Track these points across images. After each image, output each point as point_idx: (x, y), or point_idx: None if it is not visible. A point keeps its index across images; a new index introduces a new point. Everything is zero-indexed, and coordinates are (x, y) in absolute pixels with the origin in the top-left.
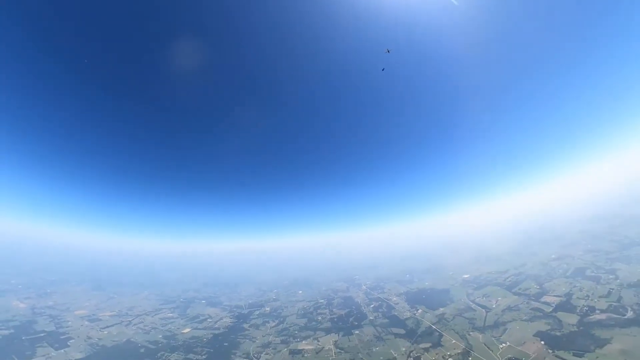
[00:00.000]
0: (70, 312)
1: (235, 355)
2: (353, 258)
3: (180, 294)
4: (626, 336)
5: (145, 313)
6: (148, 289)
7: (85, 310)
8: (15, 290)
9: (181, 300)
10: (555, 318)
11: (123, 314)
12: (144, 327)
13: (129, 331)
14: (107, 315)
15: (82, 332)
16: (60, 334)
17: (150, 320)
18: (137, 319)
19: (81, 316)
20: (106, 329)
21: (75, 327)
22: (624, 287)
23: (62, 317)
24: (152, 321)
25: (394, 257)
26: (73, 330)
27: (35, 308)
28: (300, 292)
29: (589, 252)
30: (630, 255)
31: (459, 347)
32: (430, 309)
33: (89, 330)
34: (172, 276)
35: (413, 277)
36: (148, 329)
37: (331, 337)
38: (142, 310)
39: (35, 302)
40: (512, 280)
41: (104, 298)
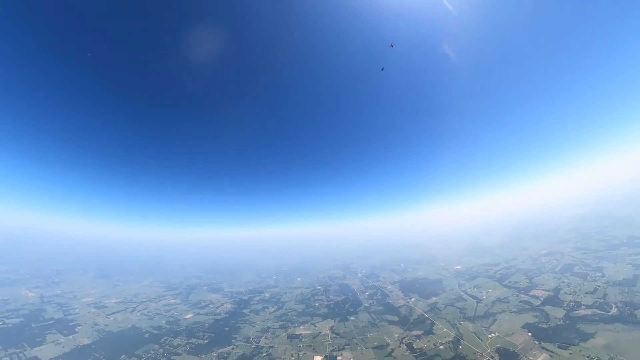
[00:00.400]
0: (78, 299)
1: (236, 340)
2: (350, 247)
3: (182, 281)
4: (609, 332)
5: (149, 300)
6: (152, 276)
7: (91, 297)
8: (24, 280)
9: (184, 287)
10: (542, 311)
11: (128, 301)
12: (148, 313)
13: (134, 317)
14: (112, 302)
15: (89, 319)
16: (68, 321)
17: (154, 306)
18: (141, 305)
19: (88, 303)
20: (112, 315)
21: (82, 314)
22: (609, 285)
23: (70, 304)
24: (156, 307)
25: (389, 247)
26: (80, 317)
27: (44, 296)
28: (298, 279)
29: (578, 250)
30: (617, 255)
31: (450, 336)
32: (423, 297)
33: (96, 316)
34: (175, 264)
35: (407, 266)
36: (152, 314)
37: (328, 323)
38: (146, 297)
39: (44, 291)
40: (502, 273)
41: (109, 286)
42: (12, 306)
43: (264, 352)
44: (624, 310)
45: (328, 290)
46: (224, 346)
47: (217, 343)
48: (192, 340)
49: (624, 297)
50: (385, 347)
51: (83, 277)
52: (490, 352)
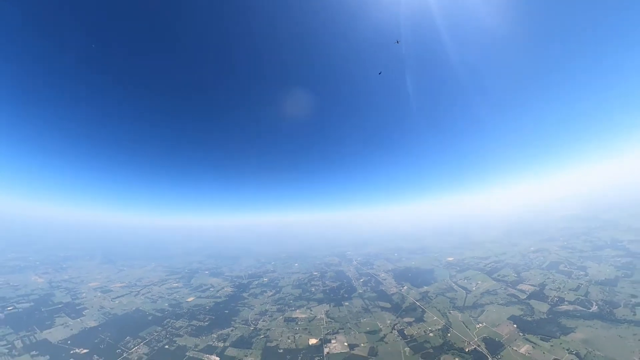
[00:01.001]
0: (84, 284)
1: (235, 322)
2: (346, 236)
3: (185, 266)
4: (589, 327)
5: (152, 283)
6: (155, 261)
7: (97, 282)
8: (33, 266)
9: (186, 271)
10: (528, 305)
11: (132, 285)
12: (151, 296)
13: (138, 300)
14: (117, 286)
15: (95, 303)
16: (75, 305)
17: (158, 290)
18: (145, 289)
19: (94, 288)
20: (117, 299)
21: (89, 298)
22: (591, 284)
23: (77, 289)
24: (159, 291)
25: (384, 237)
26: (87, 301)
27: (52, 282)
28: (296, 265)
29: (564, 249)
30: (601, 256)
31: (439, 324)
32: (415, 286)
33: (102, 300)
34: (178, 249)
35: (401, 256)
36: (155, 298)
37: (323, 307)
38: (149, 281)
39: (52, 277)
40: (492, 266)
41: (115, 270)
42: (22, 291)
43: (261, 334)
44: (603, 309)
45: (324, 276)
46: (224, 328)
47: (217, 325)
48: (193, 322)
49: (604, 296)
50: (377, 333)
51: (89, 263)
52: (477, 341)
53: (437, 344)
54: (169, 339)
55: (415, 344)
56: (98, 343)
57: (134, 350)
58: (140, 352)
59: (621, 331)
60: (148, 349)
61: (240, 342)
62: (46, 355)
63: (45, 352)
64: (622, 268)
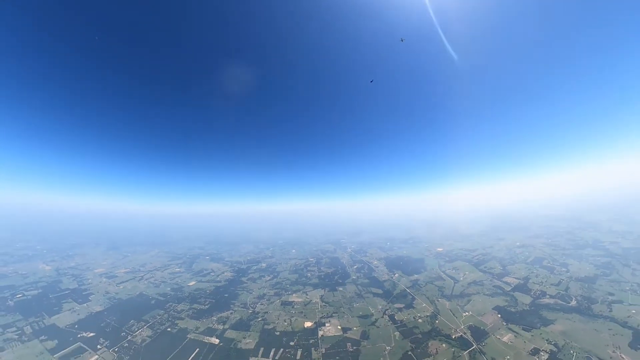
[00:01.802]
0: (90, 270)
1: (234, 305)
2: (341, 224)
3: (186, 251)
4: (567, 320)
5: (155, 269)
6: (158, 247)
7: (103, 268)
8: (41, 255)
9: (187, 257)
10: (512, 296)
11: (136, 270)
12: (154, 281)
13: (142, 285)
14: (122, 272)
15: (101, 288)
16: (82, 290)
17: (160, 275)
18: (148, 274)
19: (100, 274)
20: (122, 284)
21: (95, 284)
22: (572, 280)
23: (83, 275)
24: (162, 276)
25: (378, 227)
26: (93, 287)
27: (60, 269)
28: (293, 251)
29: (548, 246)
30: (582, 254)
31: (428, 311)
32: (406, 274)
33: (107, 285)
34: (179, 236)
35: (393, 245)
36: (158, 282)
37: (318, 292)
38: (152, 267)
39: (59, 264)
40: (479, 258)
41: (119, 257)
42: (31, 279)
43: (259, 317)
44: (582, 303)
45: (320, 262)
46: (224, 311)
47: (217, 308)
48: (194, 305)
49: (583, 292)
50: (369, 317)
51: (95, 250)
52: (463, 328)
53: (426, 330)
54: (171, 322)
55: (405, 329)
56: (104, 327)
57: (137, 333)
58: (143, 335)
59: (597, 325)
60: (151, 332)
61: (239, 325)
62: (54, 340)
63: (53, 336)
64: (601, 267)
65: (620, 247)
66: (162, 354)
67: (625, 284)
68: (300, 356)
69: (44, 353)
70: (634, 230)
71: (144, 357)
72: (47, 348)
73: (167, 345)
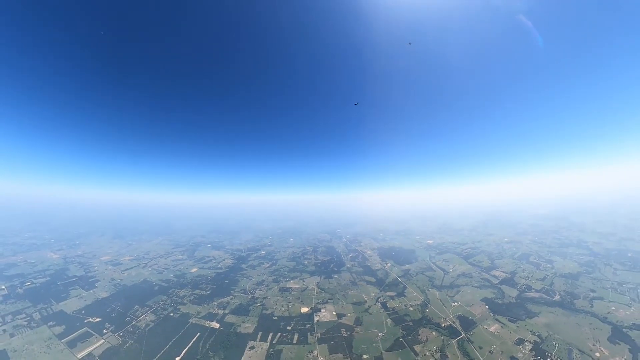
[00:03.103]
0: (97, 258)
1: (234, 291)
2: (337, 215)
3: (189, 240)
4: (551, 314)
5: (159, 256)
6: (161, 235)
7: (108, 256)
8: (48, 244)
9: (190, 245)
10: (499, 289)
11: (140, 258)
12: (158, 268)
13: (146, 272)
14: (127, 260)
15: (106, 275)
16: (88, 278)
17: (164, 262)
18: (152, 261)
19: (105, 261)
20: (126, 271)
21: (100, 271)
22: (556, 276)
23: (90, 263)
24: (165, 263)
25: (372, 218)
26: (99, 274)
27: (67, 257)
28: (291, 240)
29: (535, 243)
30: (566, 252)
31: (419, 300)
32: (398, 264)
33: (112, 272)
34: (182, 225)
35: (386, 236)
36: (161, 269)
37: (314, 279)
38: (156, 254)
39: (67, 253)
40: (469, 252)
41: (124, 245)
42: (39, 267)
43: (258, 302)
44: (565, 298)
45: (316, 250)
46: (224, 296)
47: (218, 294)
48: (196, 291)
49: (567, 287)
50: (362, 304)
51: (101, 239)
52: (453, 317)
53: (417, 318)
54: (174, 307)
55: (396, 316)
56: (109, 312)
57: (141, 318)
58: (147, 320)
59: (579, 320)
60: (154, 317)
61: (238, 310)
62: (62, 325)
63: (61, 322)
64: (584, 265)
65: (603, 247)
66: (165, 338)
67: (606, 282)
68: (297, 340)
69: (52, 338)
70: (617, 232)
71: (147, 341)
72: (55, 333)
73: (170, 329)
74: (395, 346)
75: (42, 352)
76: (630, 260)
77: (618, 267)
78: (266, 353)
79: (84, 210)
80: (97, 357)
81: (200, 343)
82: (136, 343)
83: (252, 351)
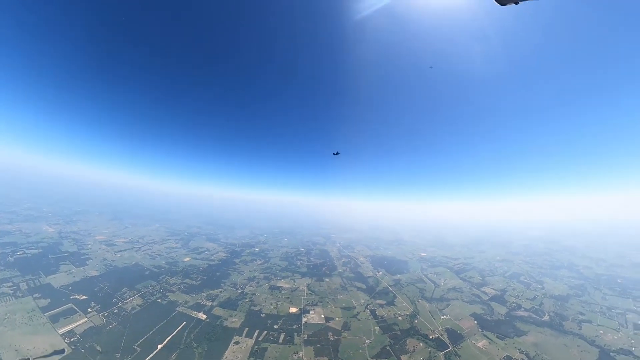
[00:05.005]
0: (91, 237)
1: (225, 284)
2: (333, 221)
3: (185, 229)
4: (539, 333)
5: (153, 242)
6: (158, 222)
7: (103, 236)
8: (45, 217)
9: (185, 234)
10: (489, 306)
11: (135, 241)
12: (151, 253)
13: (138, 256)
14: (121, 241)
15: (99, 254)
16: (81, 255)
17: (157, 248)
18: (146, 246)
19: (100, 241)
20: (119, 252)
21: (94, 250)
22: (546, 297)
23: (84, 240)
24: (159, 249)
25: (367, 227)
26: (92, 252)
27: (62, 232)
28: (285, 240)
29: (526, 263)
30: (557, 275)
31: (408, 310)
32: (389, 273)
33: (105, 252)
34: (180, 214)
35: (379, 245)
36: (154, 255)
37: (305, 280)
38: (151, 239)
39: (62, 228)
40: (460, 267)
41: (121, 227)
42: (33, 239)
43: (247, 298)
44: (554, 319)
45: (310, 253)
46: (214, 289)
47: (208, 285)
48: (186, 280)
49: (556, 308)
50: (352, 309)
51: (98, 218)
52: (441, 330)
53: (405, 328)
54: (162, 294)
55: (385, 324)
56: (97, 291)
57: (129, 301)
58: (134, 303)
59: (567, 341)
60: (142, 301)
61: (227, 303)
62: (48, 299)
63: (47, 295)
64: (574, 288)
65: (594, 272)
66: (150, 323)
67: (595, 305)
68: (283, 340)
69: (35, 310)
70: (607, 258)
71: (132, 325)
72: (40, 306)
73: (156, 315)
74: (381, 354)
75: (24, 322)
76: (620, 286)
77: (607, 292)
78: (251, 350)
79: (85, 188)
80: (77, 335)
81: (185, 332)
82: (120, 325)
83: (236, 346)
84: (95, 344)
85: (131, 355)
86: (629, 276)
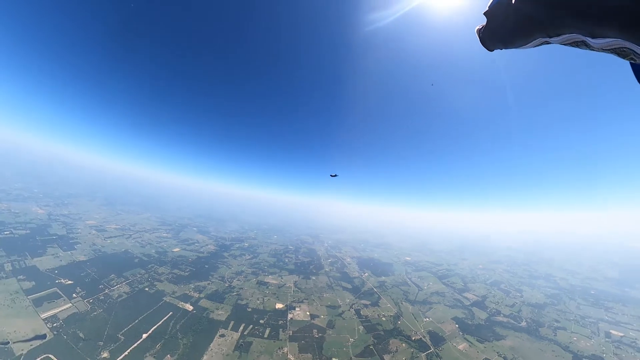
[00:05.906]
0: (82, 221)
1: (213, 277)
2: (322, 221)
3: (176, 220)
4: (517, 338)
5: (144, 230)
6: (150, 211)
7: (94, 221)
8: (36, 198)
9: (176, 225)
10: (470, 310)
11: (126, 229)
12: (141, 241)
13: (128, 243)
14: (112, 228)
15: (88, 239)
16: (69, 238)
17: (148, 236)
18: (137, 234)
19: (90, 226)
20: (109, 239)
21: (83, 234)
22: (524, 304)
23: (74, 224)
24: (149, 238)
25: (355, 229)
26: (81, 237)
27: (52, 215)
28: (275, 237)
29: (507, 272)
30: (535, 284)
31: (392, 311)
32: (374, 275)
33: (95, 238)
34: (172, 204)
35: (366, 247)
36: (144, 243)
37: (293, 277)
38: (142, 228)
39: (53, 210)
40: (443, 272)
41: (112, 213)
42: (22, 219)
43: (234, 292)
44: (531, 325)
45: (298, 251)
46: (201, 280)
47: (196, 277)
48: (175, 270)
49: (533, 315)
50: (337, 308)
51: (90, 203)
52: (423, 332)
53: (388, 328)
54: (150, 283)
55: (369, 324)
56: (83, 277)
57: (115, 288)
58: (121, 291)
59: (542, 346)
60: (129, 289)
61: (214, 296)
62: (32, 282)
63: (32, 278)
64: (551, 297)
65: (569, 283)
66: (135, 312)
67: (570, 314)
68: (268, 335)
69: (19, 292)
70: (582, 271)
71: (117, 312)
72: (23, 288)
73: (143, 304)
74: (365, 353)
75: (6, 305)
76: (593, 297)
77: (581, 302)
78: (236, 343)
79: (79, 172)
80: (61, 320)
81: (170, 323)
82: (105, 313)
83: (222, 339)
84: (79, 330)
85: (115, 344)
86: (601, 288)
